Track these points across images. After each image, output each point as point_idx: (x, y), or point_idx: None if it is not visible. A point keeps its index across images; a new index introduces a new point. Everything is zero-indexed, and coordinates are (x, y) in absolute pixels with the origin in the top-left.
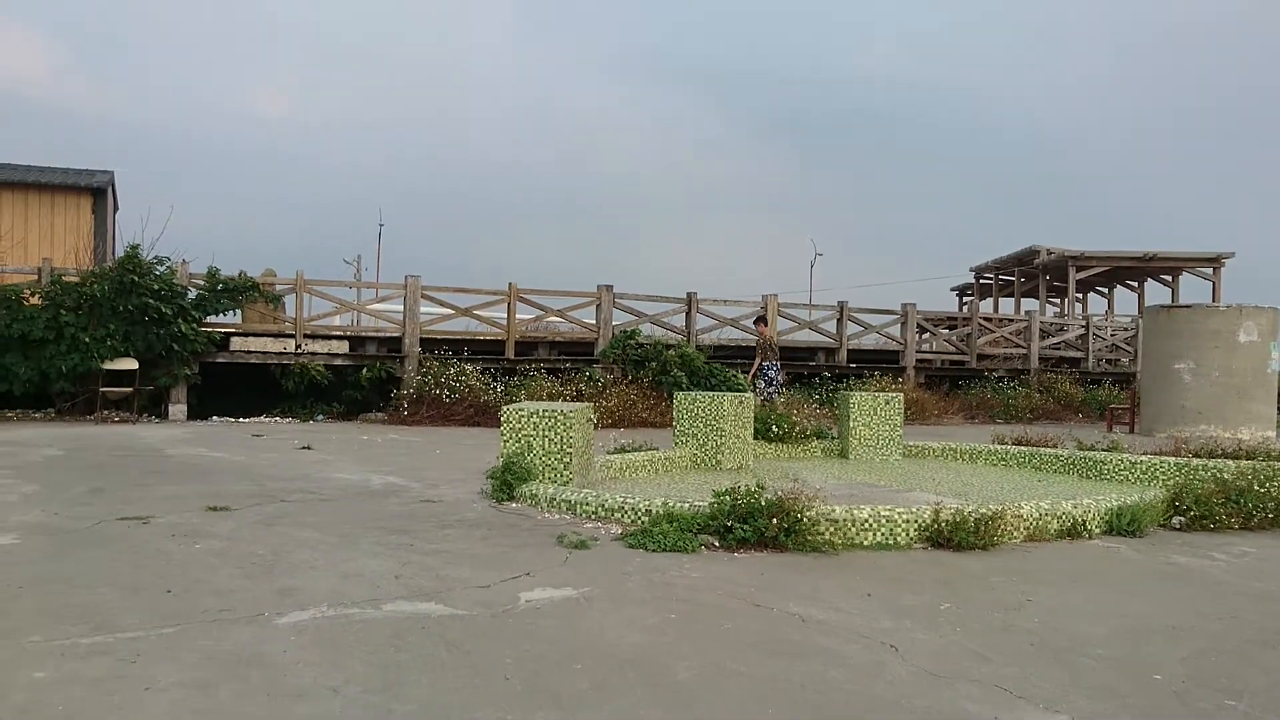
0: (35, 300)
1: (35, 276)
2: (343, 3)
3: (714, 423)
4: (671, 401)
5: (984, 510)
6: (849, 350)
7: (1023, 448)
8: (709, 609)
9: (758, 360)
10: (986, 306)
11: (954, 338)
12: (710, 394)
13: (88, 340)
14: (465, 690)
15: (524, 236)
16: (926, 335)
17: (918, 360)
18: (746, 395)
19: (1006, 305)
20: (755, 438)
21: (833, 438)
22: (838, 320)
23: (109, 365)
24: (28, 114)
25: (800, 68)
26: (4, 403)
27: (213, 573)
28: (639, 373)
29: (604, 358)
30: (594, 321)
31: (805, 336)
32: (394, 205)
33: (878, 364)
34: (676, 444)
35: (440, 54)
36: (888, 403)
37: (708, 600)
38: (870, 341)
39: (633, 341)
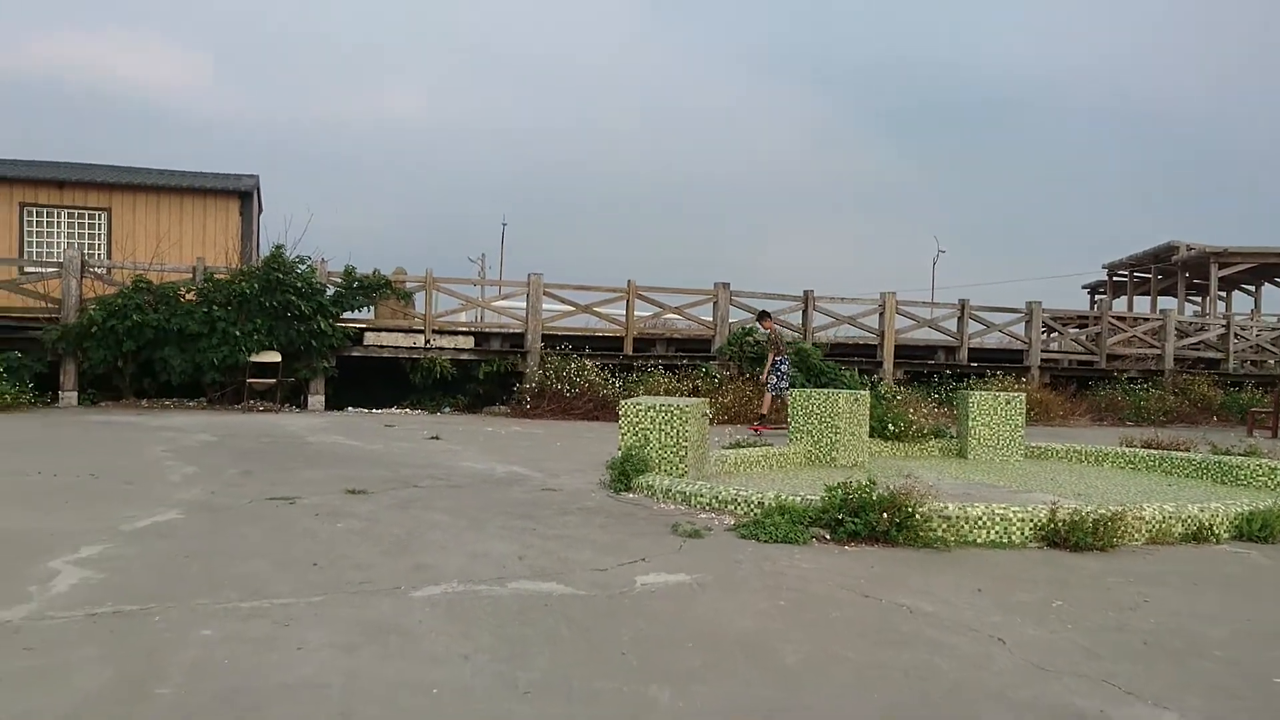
0: (190, 297)
1: (190, 275)
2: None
3: (828, 419)
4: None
5: (1103, 511)
6: (970, 349)
7: (1152, 451)
8: (818, 598)
9: (771, 356)
10: (1120, 305)
11: (1082, 337)
12: (825, 391)
13: (236, 334)
14: (584, 663)
15: (642, 234)
16: (1053, 334)
17: (1043, 360)
18: (862, 393)
19: (1142, 304)
20: (871, 436)
21: (951, 437)
22: (958, 318)
23: (255, 358)
24: (172, 121)
25: (924, 57)
26: (161, 392)
27: (354, 549)
28: (755, 369)
29: (720, 354)
30: (711, 319)
31: (924, 335)
32: (516, 203)
33: (1000, 363)
34: (791, 440)
35: (562, 57)
36: (1008, 402)
37: (817, 590)
38: (993, 340)
39: (749, 339)
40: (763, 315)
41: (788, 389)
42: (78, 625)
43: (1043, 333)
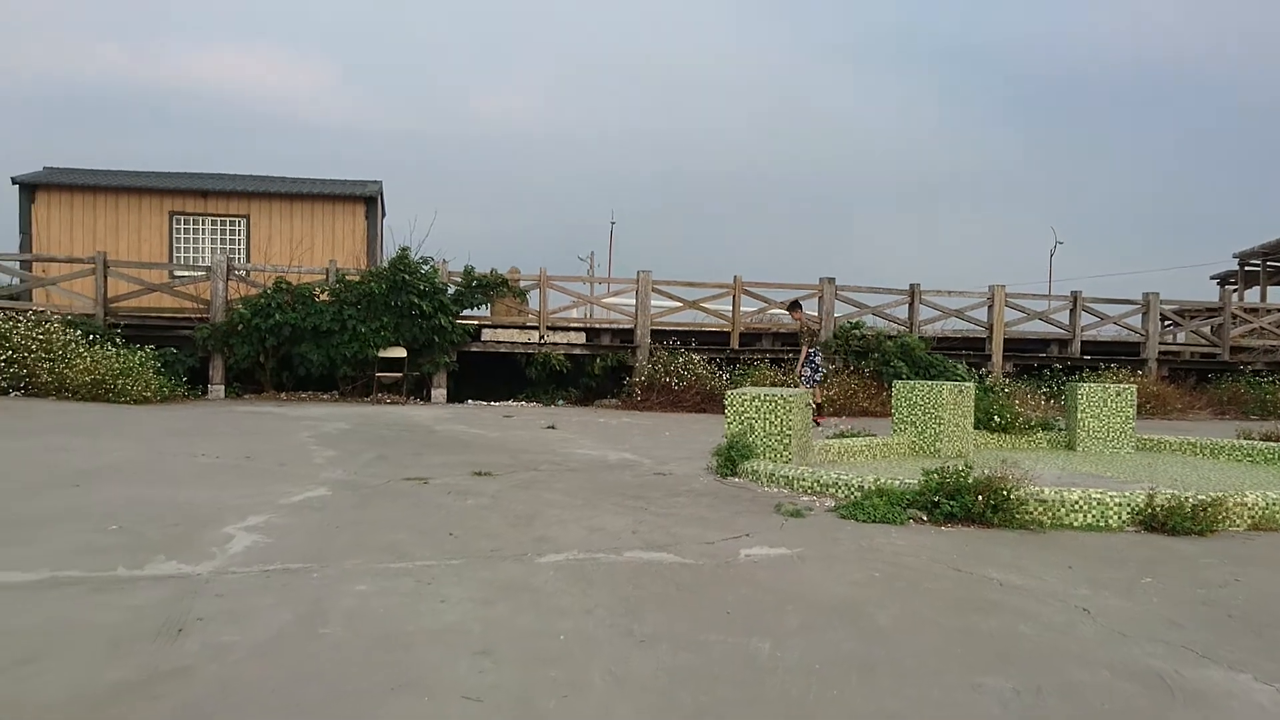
0: (324, 297)
1: (324, 276)
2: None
3: (932, 410)
4: (892, 391)
5: (1202, 497)
6: (1083, 342)
7: (1272, 444)
8: (911, 571)
9: (804, 349)
10: (1253, 296)
11: (1205, 329)
12: (929, 383)
13: (365, 331)
14: (693, 620)
15: (748, 229)
16: (1170, 325)
17: (1160, 352)
18: (967, 384)
19: (1276, 295)
20: (976, 428)
21: (1060, 430)
22: (1070, 311)
23: (382, 353)
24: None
25: (1039, 41)
26: (298, 385)
27: (483, 522)
28: (860, 363)
29: (825, 349)
30: (817, 313)
31: (1035, 328)
32: (622, 200)
33: (1114, 356)
34: (895, 431)
35: (668, 54)
36: (1119, 394)
37: (911, 564)
38: (1108, 332)
39: (855, 332)
40: (793, 305)
41: (821, 381)
42: (254, 579)
43: (1160, 324)
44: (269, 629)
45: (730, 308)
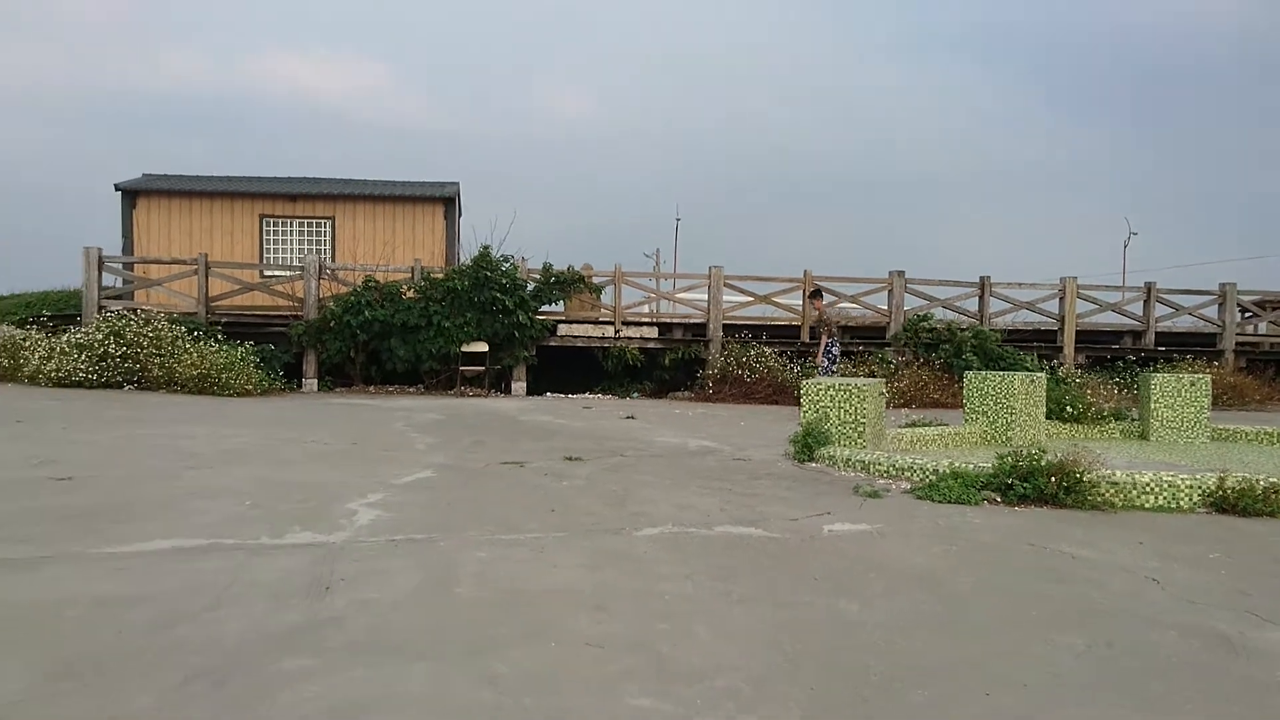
0: (410, 294)
1: (409, 274)
2: (639, 11)
3: (1004, 400)
4: (963, 383)
5: (1274, 480)
6: (1157, 333)
7: None
8: (986, 545)
9: (823, 338)
10: None
11: None
12: (1001, 373)
13: (449, 327)
14: (784, 583)
15: (816, 222)
16: (1250, 316)
17: (1238, 343)
18: (1038, 374)
19: None
20: (1049, 418)
21: (1133, 419)
22: (1144, 302)
23: (465, 348)
24: (365, 130)
25: (1109, 19)
26: (385, 379)
27: (580, 500)
28: (930, 355)
29: (895, 341)
30: (886, 306)
31: (1108, 319)
32: (687, 195)
33: (1190, 347)
34: (967, 421)
35: (727, 51)
36: (1193, 384)
37: (985, 539)
38: (1184, 324)
39: (924, 325)
40: (814, 294)
41: (837, 373)
42: (382, 546)
43: (1245, 315)
44: (405, 588)
45: (800, 302)
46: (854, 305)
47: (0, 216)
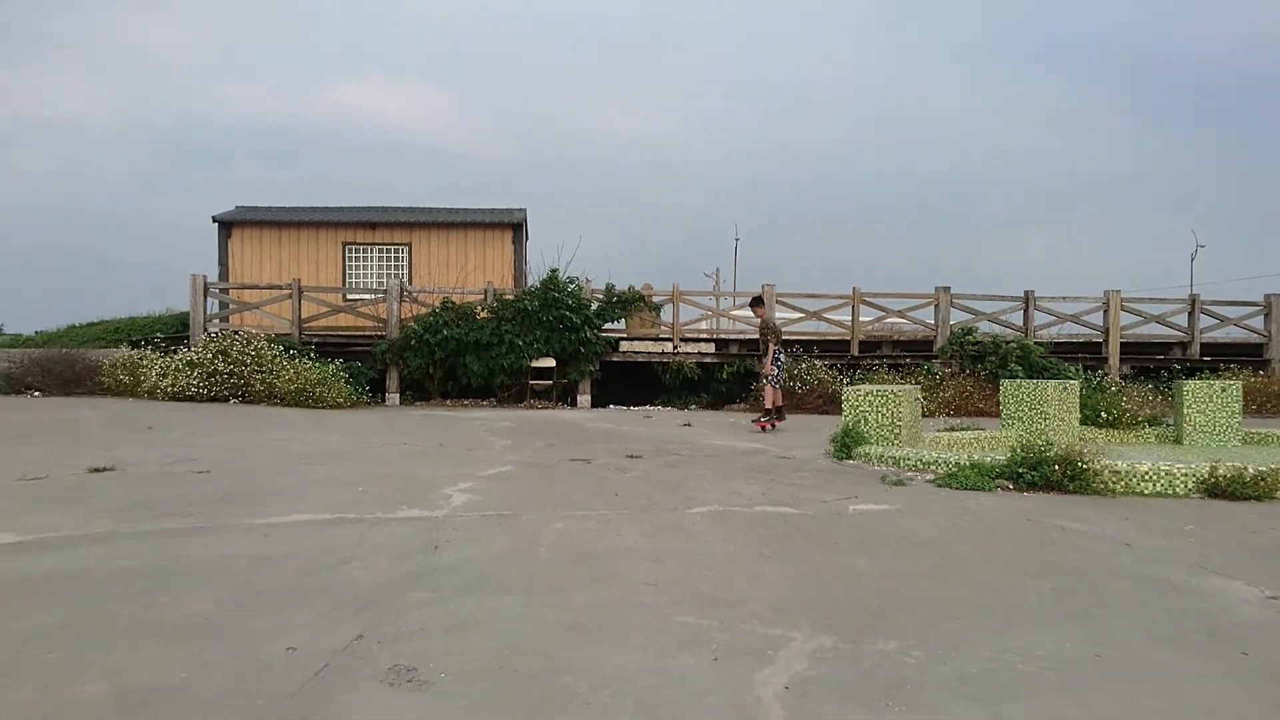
0: (483, 314)
1: (483, 296)
2: (690, 35)
3: (1038, 406)
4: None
5: (1263, 467)
6: (1202, 344)
7: None
8: (990, 521)
9: (771, 347)
10: None
11: None
12: (1034, 381)
13: (520, 344)
14: (808, 547)
15: (867, 236)
16: None
17: None
18: (1071, 382)
19: None
20: (1085, 424)
21: (1168, 425)
22: (1189, 314)
23: (535, 364)
24: (436, 156)
25: (1172, 27)
26: (460, 393)
27: (641, 488)
28: (976, 367)
29: (942, 354)
30: (933, 321)
31: (1154, 330)
32: (745, 212)
33: (1235, 357)
34: (1003, 426)
35: (778, 64)
36: (1224, 390)
37: (991, 517)
38: (1235, 334)
39: (970, 338)
40: (755, 302)
41: (781, 384)
42: (476, 520)
43: None
44: (499, 548)
45: (849, 317)
46: (902, 320)
47: (94, 247)
